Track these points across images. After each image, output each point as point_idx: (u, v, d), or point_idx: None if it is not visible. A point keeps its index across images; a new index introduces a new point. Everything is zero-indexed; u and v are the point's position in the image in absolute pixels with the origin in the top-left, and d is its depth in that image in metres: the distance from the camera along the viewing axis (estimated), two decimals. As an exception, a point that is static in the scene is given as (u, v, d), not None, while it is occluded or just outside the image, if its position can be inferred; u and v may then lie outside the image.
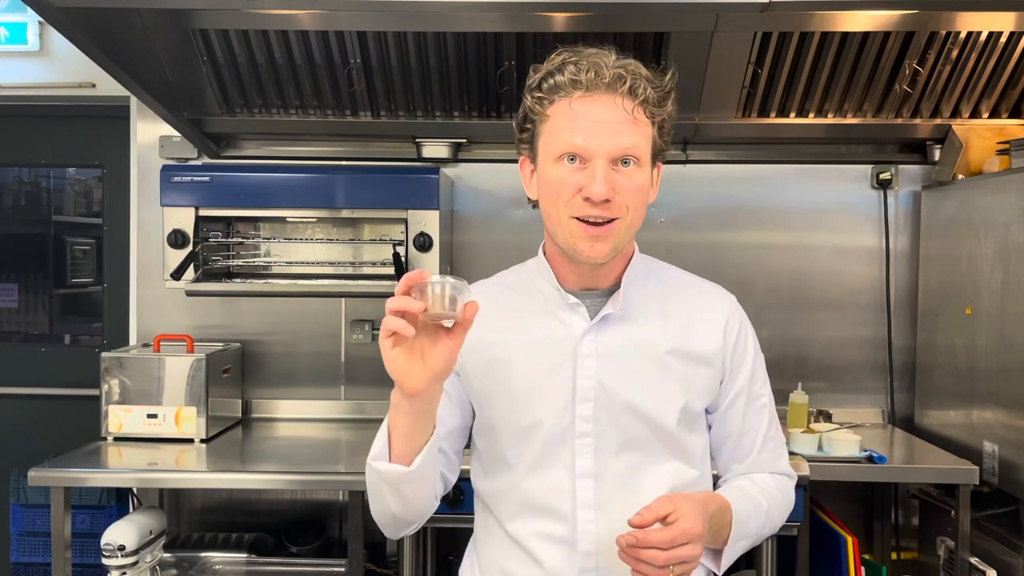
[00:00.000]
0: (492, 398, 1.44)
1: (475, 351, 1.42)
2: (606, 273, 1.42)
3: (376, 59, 2.77)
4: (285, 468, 2.62)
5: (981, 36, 2.69)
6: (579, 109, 1.32)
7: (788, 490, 1.53)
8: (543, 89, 1.35)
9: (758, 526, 1.44)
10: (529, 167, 1.42)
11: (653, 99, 1.34)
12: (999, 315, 2.56)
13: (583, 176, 1.31)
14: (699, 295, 1.50)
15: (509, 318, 1.45)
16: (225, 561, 2.85)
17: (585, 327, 1.41)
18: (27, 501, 3.34)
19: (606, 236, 1.33)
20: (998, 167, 2.74)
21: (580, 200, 1.31)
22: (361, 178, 2.90)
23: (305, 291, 2.99)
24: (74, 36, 2.34)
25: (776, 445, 1.52)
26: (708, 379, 1.45)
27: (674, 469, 1.43)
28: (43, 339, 3.63)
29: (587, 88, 1.32)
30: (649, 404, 1.40)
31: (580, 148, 1.31)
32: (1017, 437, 2.47)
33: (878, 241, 3.17)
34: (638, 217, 1.37)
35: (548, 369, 1.41)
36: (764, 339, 1.62)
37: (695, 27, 2.52)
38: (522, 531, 1.41)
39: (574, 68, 1.32)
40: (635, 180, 1.34)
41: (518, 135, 1.43)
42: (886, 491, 3.09)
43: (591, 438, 1.39)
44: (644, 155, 1.34)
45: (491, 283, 1.52)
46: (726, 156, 3.18)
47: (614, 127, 1.31)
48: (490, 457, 1.47)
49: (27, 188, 3.68)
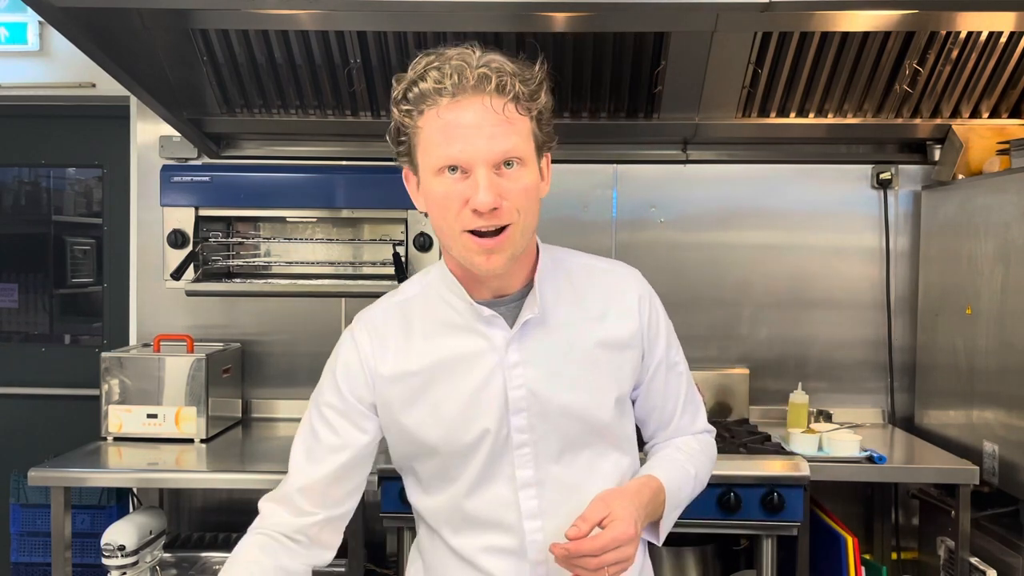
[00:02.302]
0: (427, 424, 1.38)
1: (397, 383, 1.39)
2: (515, 277, 1.38)
3: (376, 59, 2.77)
4: (285, 468, 2.59)
5: (981, 36, 2.69)
6: (449, 118, 1.25)
7: (710, 447, 1.59)
8: (409, 100, 1.29)
9: (689, 492, 1.50)
10: (414, 179, 1.36)
11: (524, 94, 1.28)
12: (999, 315, 2.56)
13: (466, 187, 1.26)
14: (607, 279, 1.47)
15: (423, 339, 1.39)
16: (225, 561, 2.84)
17: (507, 336, 1.36)
18: (27, 501, 3.34)
19: (500, 247, 1.28)
20: (998, 167, 2.74)
21: (469, 213, 1.26)
22: (361, 178, 2.90)
23: (305, 291, 2.99)
24: (74, 36, 2.34)
25: (694, 407, 1.56)
26: (632, 361, 1.44)
27: (613, 462, 1.43)
28: (43, 339, 3.63)
29: (453, 94, 1.25)
30: (584, 402, 1.39)
31: (458, 159, 1.25)
32: (1017, 437, 2.47)
33: (878, 241, 3.17)
34: (531, 217, 1.32)
35: (477, 385, 1.36)
36: (764, 339, 1.63)
37: (695, 27, 2.52)
38: (469, 546, 1.40)
39: (437, 74, 1.26)
40: (521, 182, 1.28)
41: (395, 148, 1.36)
42: (886, 491, 3.09)
43: (529, 447, 1.37)
44: (526, 153, 1.29)
45: (393, 306, 1.44)
46: (726, 156, 3.18)
47: (489, 131, 1.25)
48: (427, 477, 1.43)
49: (27, 188, 3.68)
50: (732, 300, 3.15)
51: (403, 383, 1.39)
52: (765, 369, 3.11)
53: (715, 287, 3.15)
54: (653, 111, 2.92)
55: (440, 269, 1.42)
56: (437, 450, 1.39)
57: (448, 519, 1.42)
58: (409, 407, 1.39)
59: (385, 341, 1.41)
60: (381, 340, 1.41)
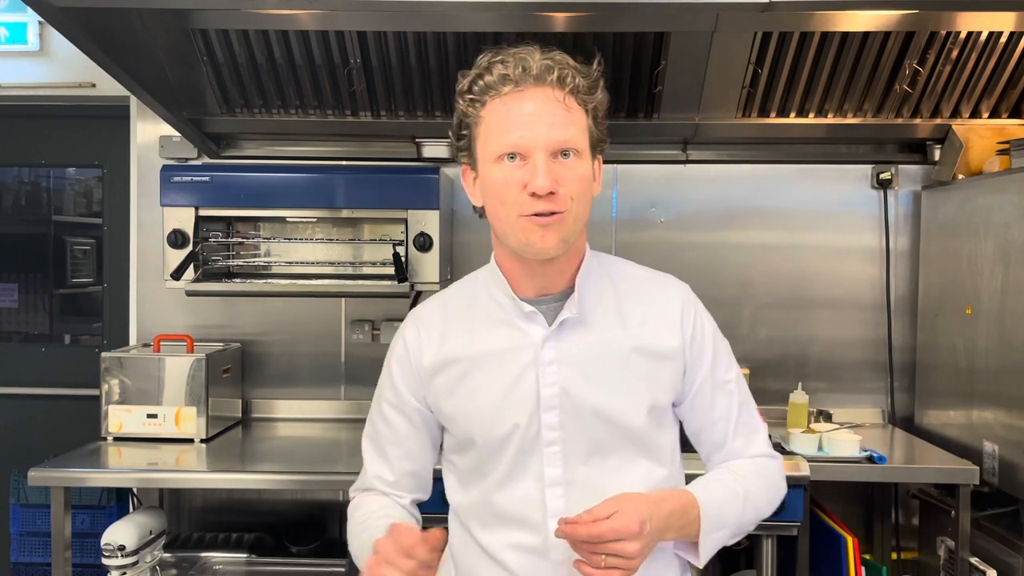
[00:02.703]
0: (464, 416, 1.44)
1: (439, 372, 1.45)
2: (559, 276, 1.41)
3: (376, 59, 2.77)
4: (285, 468, 2.62)
5: (981, 36, 2.69)
6: (512, 106, 1.32)
7: (771, 470, 1.50)
8: (474, 92, 1.36)
9: (736, 513, 1.42)
10: (471, 175, 1.41)
11: (583, 87, 1.35)
12: (999, 315, 2.56)
13: (525, 172, 1.31)
14: (652, 288, 1.49)
15: (466, 332, 1.45)
16: (225, 561, 2.85)
17: (544, 334, 1.40)
18: (27, 501, 3.34)
19: (555, 225, 1.32)
20: (998, 167, 2.74)
21: (526, 197, 1.31)
22: (361, 178, 2.90)
23: (305, 291, 2.99)
24: (74, 36, 2.34)
25: (749, 430, 1.50)
26: (672, 373, 1.44)
27: (644, 470, 1.42)
28: (43, 339, 3.63)
29: (516, 83, 1.32)
30: (615, 406, 1.40)
31: (518, 145, 1.31)
32: (1017, 437, 2.47)
33: (878, 241, 3.17)
34: (584, 208, 1.36)
35: (512, 380, 1.40)
36: (764, 339, 1.62)
37: (695, 27, 2.52)
38: (495, 542, 1.42)
39: (501, 67, 1.33)
40: (576, 171, 1.33)
41: (456, 143, 1.42)
42: (886, 491, 3.09)
43: (559, 446, 1.39)
44: (582, 146, 1.35)
45: (441, 301, 1.53)
46: (726, 156, 3.18)
47: (549, 119, 1.31)
48: (465, 470, 1.47)
49: (27, 188, 3.68)
50: (732, 300, 3.14)
51: (444, 373, 1.44)
52: (765, 369, 3.10)
53: (715, 287, 3.14)
54: (653, 111, 2.93)
55: (490, 265, 1.48)
56: (474, 441, 1.43)
57: (478, 514, 1.44)
58: (449, 396, 1.44)
59: (430, 334, 1.47)
60: (426, 333, 1.47)
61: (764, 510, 1.48)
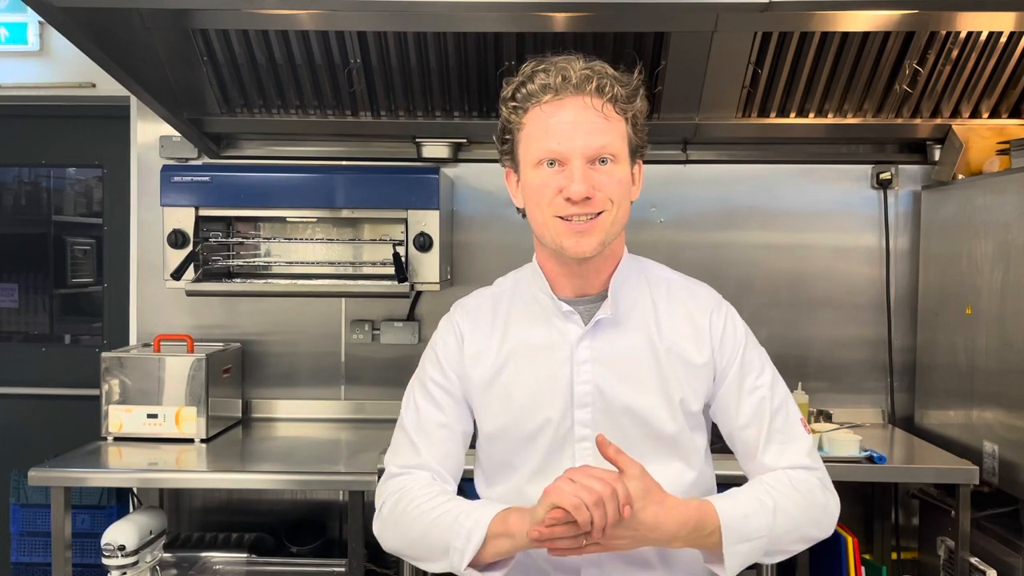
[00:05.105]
0: (497, 408, 1.48)
1: (477, 364, 1.49)
2: (597, 277, 1.46)
3: (376, 59, 2.77)
4: (285, 468, 2.62)
5: (981, 36, 2.69)
6: (551, 113, 1.37)
7: (804, 483, 1.43)
8: (517, 99, 1.41)
9: (764, 525, 1.36)
10: (514, 178, 1.47)
11: (622, 96, 1.39)
12: (999, 315, 2.56)
13: (562, 178, 1.36)
14: (686, 294, 1.53)
15: (507, 327, 1.50)
16: (225, 561, 2.85)
17: (580, 333, 1.45)
18: (27, 501, 3.34)
19: (592, 231, 1.37)
20: (998, 167, 2.74)
21: (561, 200, 1.36)
22: (361, 178, 2.90)
23: (305, 291, 2.99)
24: (74, 36, 2.34)
25: (784, 438, 1.46)
26: (703, 378, 1.47)
27: (675, 472, 1.44)
28: (43, 339, 3.63)
29: (557, 92, 1.37)
30: (647, 407, 1.43)
31: (556, 152, 1.36)
32: (1017, 437, 2.47)
33: (878, 241, 3.17)
34: (623, 211, 1.41)
35: (547, 376, 1.45)
36: (764, 339, 1.62)
37: (695, 27, 2.52)
38: None
39: (543, 75, 1.38)
40: (614, 175, 1.38)
41: (500, 147, 1.48)
42: (886, 491, 3.09)
43: (590, 442, 1.41)
44: (620, 152, 1.39)
45: (486, 296, 1.57)
46: (726, 156, 3.18)
47: (587, 127, 1.36)
48: (495, 464, 1.51)
49: (27, 188, 3.68)
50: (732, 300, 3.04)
51: (482, 365, 1.49)
52: (765, 369, 3.10)
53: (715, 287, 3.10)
54: (653, 111, 2.92)
55: (532, 265, 1.53)
56: (504, 433, 1.47)
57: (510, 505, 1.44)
58: (485, 389, 1.49)
59: (475, 325, 1.53)
60: (473, 324, 1.53)
61: (804, 526, 1.42)
